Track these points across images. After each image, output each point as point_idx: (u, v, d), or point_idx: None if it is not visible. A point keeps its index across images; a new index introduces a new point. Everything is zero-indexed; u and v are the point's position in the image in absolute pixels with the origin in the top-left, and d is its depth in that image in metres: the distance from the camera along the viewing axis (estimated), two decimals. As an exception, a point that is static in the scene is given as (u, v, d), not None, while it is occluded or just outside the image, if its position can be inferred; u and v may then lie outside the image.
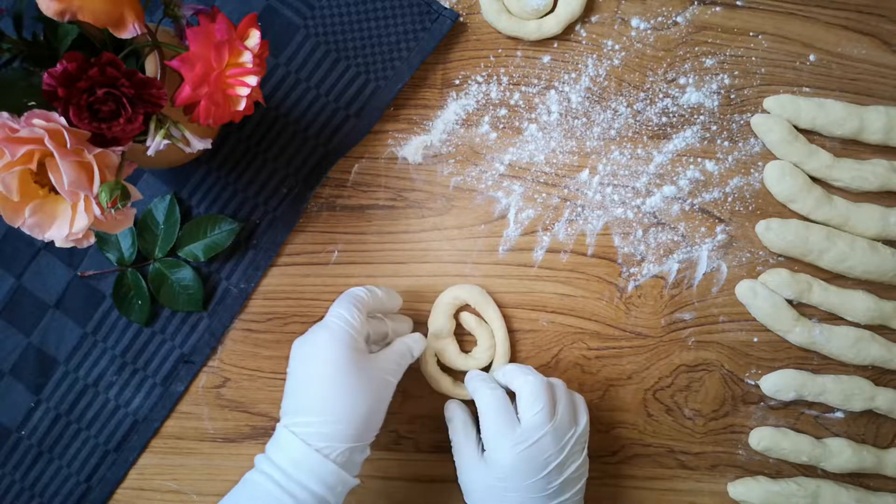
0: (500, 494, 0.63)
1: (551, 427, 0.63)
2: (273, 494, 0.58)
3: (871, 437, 0.78)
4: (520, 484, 0.62)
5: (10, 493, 0.78)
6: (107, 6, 0.48)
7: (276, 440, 0.61)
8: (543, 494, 0.63)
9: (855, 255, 0.74)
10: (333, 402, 0.61)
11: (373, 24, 0.76)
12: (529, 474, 0.62)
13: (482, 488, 0.65)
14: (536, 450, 0.62)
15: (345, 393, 0.61)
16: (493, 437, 0.64)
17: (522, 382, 0.65)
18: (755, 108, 0.77)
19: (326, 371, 0.61)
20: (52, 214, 0.52)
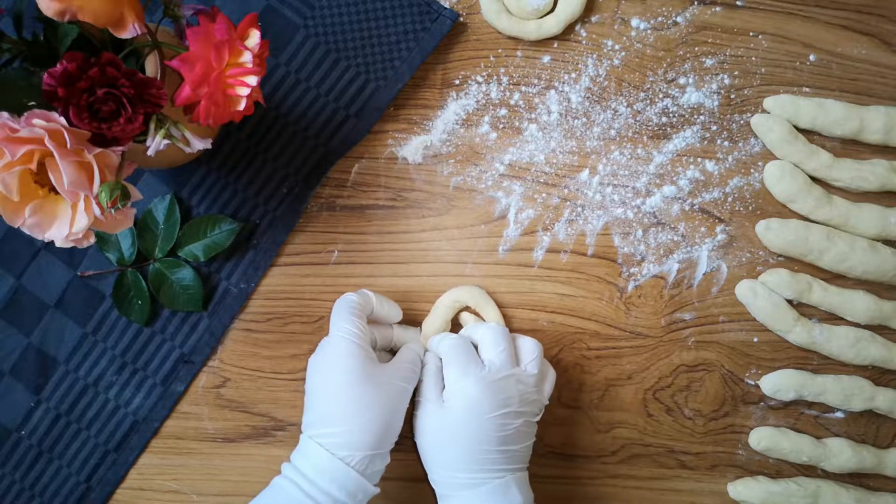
0: (454, 436, 0.64)
1: (515, 372, 0.66)
2: (297, 499, 0.60)
3: (871, 437, 0.78)
4: (477, 422, 0.63)
5: (10, 493, 0.78)
6: (107, 6, 0.48)
7: (301, 450, 0.64)
8: (496, 435, 0.63)
9: (855, 255, 0.74)
10: (352, 412, 0.63)
11: (373, 24, 0.76)
12: (487, 409, 0.63)
13: (437, 430, 0.65)
14: (499, 387, 0.64)
15: (361, 403, 0.63)
16: (459, 372, 0.65)
17: (485, 329, 0.69)
18: (755, 108, 0.77)
19: (342, 383, 0.64)
20: (52, 214, 0.52)
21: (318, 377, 0.65)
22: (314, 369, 0.66)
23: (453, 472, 0.64)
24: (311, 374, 0.67)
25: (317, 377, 0.66)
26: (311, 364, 0.67)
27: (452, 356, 0.67)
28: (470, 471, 0.63)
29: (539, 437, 0.77)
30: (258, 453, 0.78)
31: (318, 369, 0.66)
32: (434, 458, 0.66)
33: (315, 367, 0.66)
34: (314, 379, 0.66)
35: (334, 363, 0.65)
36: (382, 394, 0.64)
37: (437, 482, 0.66)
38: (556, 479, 0.78)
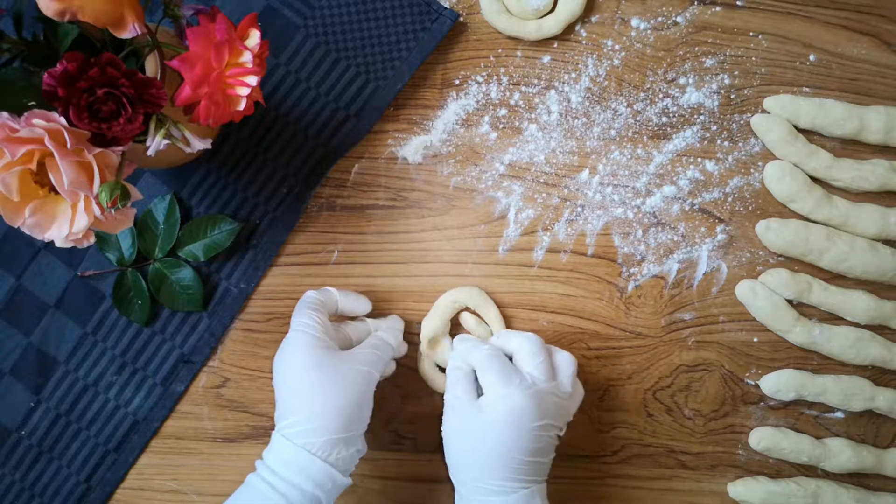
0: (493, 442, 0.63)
1: (553, 386, 0.65)
2: (266, 495, 0.60)
3: (871, 437, 0.78)
4: (517, 431, 0.62)
5: (10, 493, 0.78)
6: (107, 6, 0.48)
7: (270, 445, 0.64)
8: (532, 446, 0.63)
9: (855, 255, 0.74)
10: (308, 398, 0.63)
11: (373, 24, 0.76)
12: (529, 420, 0.62)
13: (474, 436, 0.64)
14: (541, 398, 0.63)
15: (317, 388, 0.63)
16: (501, 380, 0.64)
17: (522, 339, 0.67)
18: (755, 108, 0.77)
19: (298, 372, 0.64)
20: (52, 214, 0.52)
21: (278, 371, 0.66)
22: (275, 365, 0.67)
23: (485, 479, 0.63)
24: (274, 371, 0.67)
25: (277, 371, 0.66)
26: (274, 361, 0.67)
27: (490, 365, 0.65)
28: (503, 478, 0.62)
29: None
30: (258, 453, 0.78)
31: (278, 364, 0.66)
32: (466, 461, 0.65)
33: (276, 362, 0.67)
34: (276, 374, 0.66)
35: (291, 355, 0.65)
36: (340, 378, 0.64)
37: (465, 485, 0.65)
38: (557, 479, 0.78)
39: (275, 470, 0.61)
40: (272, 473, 0.61)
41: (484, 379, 0.65)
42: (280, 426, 0.64)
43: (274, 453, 0.63)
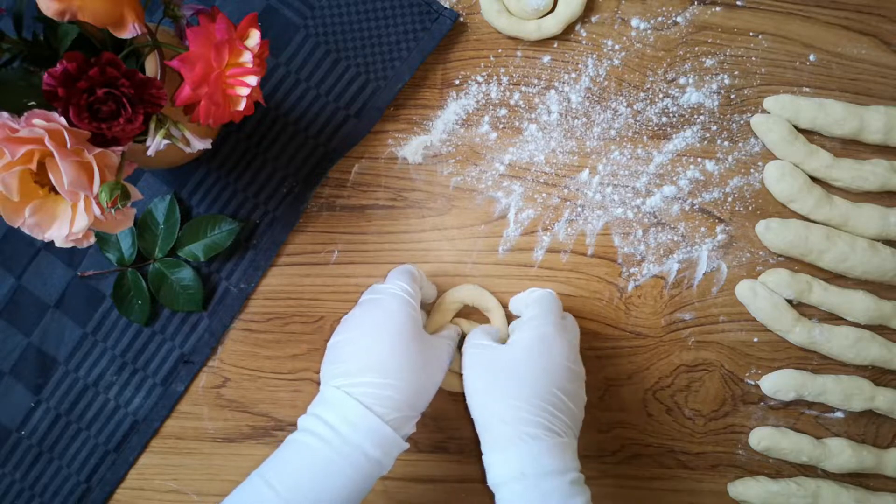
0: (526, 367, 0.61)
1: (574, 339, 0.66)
2: (327, 457, 0.56)
3: (871, 437, 0.78)
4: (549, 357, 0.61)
5: (11, 493, 0.78)
6: (107, 6, 0.48)
7: (327, 401, 0.59)
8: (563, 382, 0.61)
9: (855, 255, 0.74)
10: (398, 365, 0.60)
11: (373, 24, 0.76)
12: (559, 351, 0.62)
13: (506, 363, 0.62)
14: (569, 340, 0.64)
15: (409, 359, 0.61)
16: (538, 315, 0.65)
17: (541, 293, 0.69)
18: (755, 108, 0.77)
19: (396, 336, 0.61)
20: (52, 214, 0.52)
21: (369, 326, 0.62)
22: (365, 316, 0.63)
23: (517, 416, 0.59)
24: (358, 323, 0.63)
25: (366, 326, 0.62)
26: (360, 313, 0.64)
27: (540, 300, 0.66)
28: (536, 414, 0.59)
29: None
30: (258, 453, 0.78)
31: (370, 318, 0.63)
32: (495, 400, 0.61)
33: (365, 315, 0.64)
34: (363, 327, 0.63)
35: (391, 315, 0.62)
36: (431, 357, 0.63)
37: (492, 430, 0.61)
38: (556, 479, 0.78)
39: (337, 430, 0.57)
40: (334, 433, 0.57)
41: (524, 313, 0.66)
42: (344, 382, 0.60)
43: (335, 412, 0.58)
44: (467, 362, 0.65)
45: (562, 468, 0.58)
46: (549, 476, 0.57)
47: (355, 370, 0.60)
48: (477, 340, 0.66)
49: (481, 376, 0.63)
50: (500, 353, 0.63)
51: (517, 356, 0.62)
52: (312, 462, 0.56)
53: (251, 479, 0.57)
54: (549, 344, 0.62)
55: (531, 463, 0.58)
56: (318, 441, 0.57)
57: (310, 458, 0.57)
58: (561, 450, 0.59)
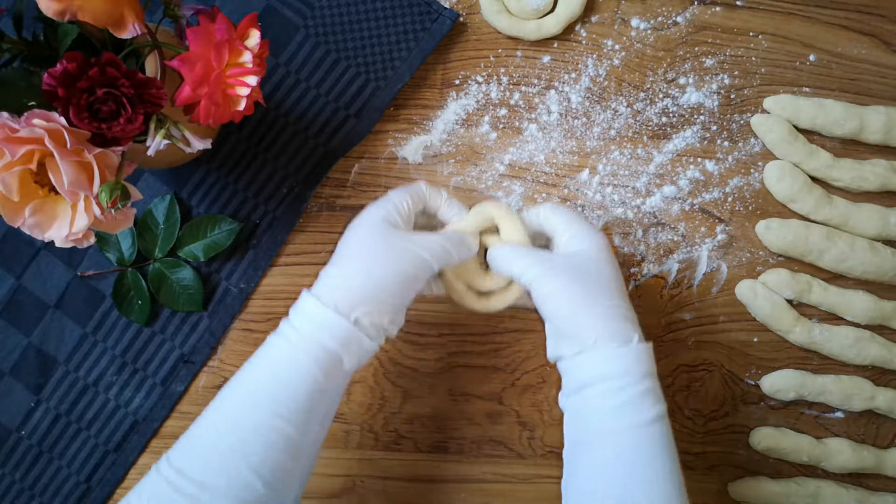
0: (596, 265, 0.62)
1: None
2: (286, 352, 0.57)
3: (871, 437, 0.78)
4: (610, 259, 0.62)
5: (10, 493, 0.78)
6: (107, 6, 0.48)
7: (296, 303, 0.61)
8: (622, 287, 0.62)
9: (855, 256, 0.74)
10: (351, 261, 0.61)
11: (373, 24, 0.76)
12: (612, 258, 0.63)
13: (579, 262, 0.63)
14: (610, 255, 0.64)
15: (363, 253, 0.61)
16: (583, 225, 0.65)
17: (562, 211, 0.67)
18: (755, 108, 0.77)
19: (353, 236, 0.62)
20: (52, 214, 0.52)
21: (346, 232, 0.64)
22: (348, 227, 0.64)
23: (607, 308, 0.59)
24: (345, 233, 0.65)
25: (346, 232, 0.64)
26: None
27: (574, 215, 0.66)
28: (625, 308, 0.60)
29: (539, 437, 0.77)
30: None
31: (349, 227, 0.64)
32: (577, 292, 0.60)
33: (349, 226, 0.64)
34: (344, 234, 0.64)
35: (356, 221, 0.63)
36: (392, 252, 0.61)
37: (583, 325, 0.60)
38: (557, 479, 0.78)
39: (298, 327, 0.58)
40: (294, 330, 0.58)
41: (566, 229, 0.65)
42: (315, 284, 0.61)
43: (298, 311, 0.59)
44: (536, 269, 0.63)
45: (653, 370, 0.59)
46: (649, 376, 0.58)
47: (323, 273, 0.62)
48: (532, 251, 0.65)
49: (568, 277, 0.62)
50: (571, 260, 0.63)
51: (592, 260, 0.62)
52: (280, 361, 0.58)
53: (231, 386, 0.58)
54: (608, 253, 0.63)
55: (630, 361, 0.58)
56: (281, 339, 0.58)
57: (278, 358, 0.58)
58: (651, 353, 0.59)
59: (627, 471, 0.56)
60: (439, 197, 0.67)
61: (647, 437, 0.56)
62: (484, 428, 0.78)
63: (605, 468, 0.57)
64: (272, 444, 0.55)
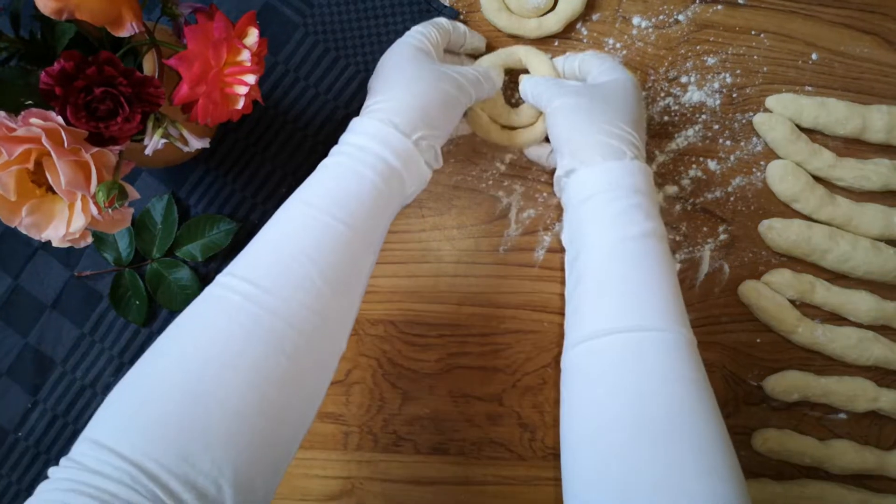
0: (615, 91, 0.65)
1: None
2: (353, 168, 0.57)
3: (875, 439, 0.78)
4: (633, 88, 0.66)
5: (8, 495, 0.78)
6: (104, 5, 0.48)
7: (350, 127, 0.61)
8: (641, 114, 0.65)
9: (858, 256, 0.74)
10: (396, 85, 0.62)
11: (372, 23, 0.76)
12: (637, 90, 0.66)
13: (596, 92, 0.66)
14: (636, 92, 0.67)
15: (405, 78, 0.62)
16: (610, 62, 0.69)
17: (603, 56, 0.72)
18: (757, 107, 0.77)
19: (392, 62, 0.64)
20: (49, 214, 0.52)
21: (378, 67, 0.66)
22: (381, 59, 0.66)
23: (610, 126, 0.62)
24: (378, 64, 0.66)
25: (379, 65, 0.66)
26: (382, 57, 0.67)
27: (601, 55, 0.71)
28: (629, 129, 0.62)
29: (540, 438, 0.77)
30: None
31: (383, 57, 0.66)
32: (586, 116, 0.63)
33: (382, 57, 0.67)
34: (377, 67, 0.66)
35: (393, 49, 0.66)
36: (432, 75, 0.63)
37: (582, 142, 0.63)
38: (557, 481, 0.78)
39: (358, 144, 0.58)
40: (356, 148, 0.58)
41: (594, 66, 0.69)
42: (362, 111, 0.62)
43: (356, 131, 0.60)
44: (560, 92, 0.66)
45: (649, 188, 0.60)
46: (641, 192, 0.59)
47: (369, 99, 0.63)
48: (559, 82, 0.69)
49: (579, 99, 0.65)
50: (593, 89, 0.66)
51: (612, 90, 0.66)
52: (341, 175, 0.57)
53: (290, 202, 0.57)
54: (634, 87, 0.66)
55: (629, 175, 0.60)
56: (345, 157, 0.58)
57: (339, 172, 0.58)
58: (649, 174, 0.61)
59: (620, 281, 0.57)
60: (460, 30, 0.72)
61: (639, 249, 0.57)
62: (484, 429, 0.78)
63: (598, 280, 0.58)
64: (340, 251, 0.54)
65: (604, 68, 0.68)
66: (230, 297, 0.50)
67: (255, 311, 0.49)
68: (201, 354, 0.48)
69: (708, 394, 0.54)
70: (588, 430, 0.53)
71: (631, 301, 0.56)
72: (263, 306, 0.49)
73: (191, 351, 0.48)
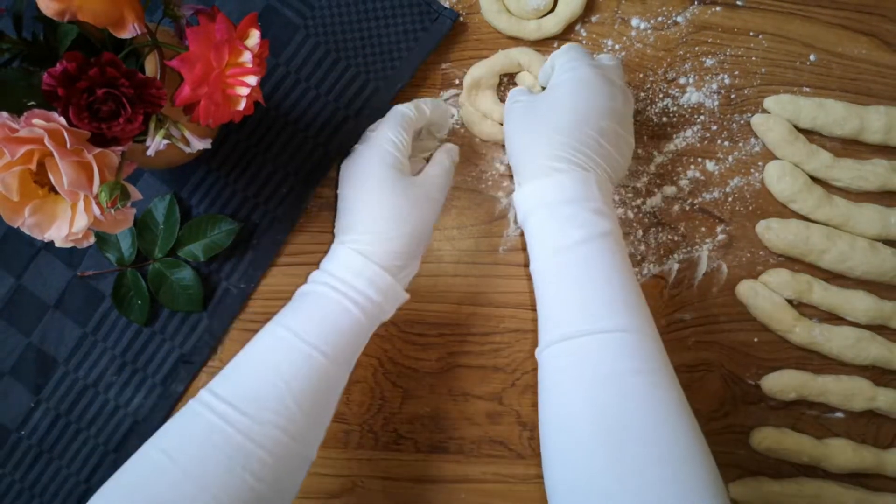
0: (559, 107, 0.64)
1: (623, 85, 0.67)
2: (338, 302, 0.61)
3: (872, 438, 0.78)
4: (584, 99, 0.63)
5: (10, 494, 0.78)
6: (106, 6, 0.48)
7: (334, 256, 0.64)
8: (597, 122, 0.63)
9: (855, 256, 0.74)
10: (382, 221, 0.64)
11: (373, 24, 0.76)
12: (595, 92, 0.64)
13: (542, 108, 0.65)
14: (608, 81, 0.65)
15: (392, 213, 0.64)
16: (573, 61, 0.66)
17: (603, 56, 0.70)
18: (755, 108, 0.77)
19: (373, 191, 0.65)
20: (51, 214, 0.52)
21: (351, 182, 0.66)
22: (347, 172, 0.67)
23: (547, 147, 0.63)
24: (343, 178, 0.67)
25: (349, 182, 0.66)
26: (345, 167, 0.68)
27: (568, 49, 0.68)
28: (563, 147, 0.62)
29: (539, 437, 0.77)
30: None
31: (352, 172, 0.66)
32: (528, 138, 0.65)
33: (348, 171, 0.67)
34: (346, 183, 0.67)
35: (369, 169, 0.65)
36: (413, 205, 0.65)
37: (523, 165, 0.65)
38: (557, 480, 0.78)
39: (343, 279, 0.62)
40: (340, 282, 0.62)
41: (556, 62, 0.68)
42: (346, 238, 0.64)
43: (341, 264, 0.63)
44: (507, 116, 0.69)
45: (584, 196, 0.61)
46: (571, 203, 0.61)
47: (349, 227, 0.65)
48: (516, 97, 0.70)
49: (519, 122, 0.67)
50: (538, 100, 0.66)
51: (554, 99, 0.65)
52: (326, 307, 0.61)
53: (271, 329, 0.61)
54: (588, 84, 0.64)
55: (553, 191, 0.62)
56: (329, 289, 0.62)
57: (324, 304, 0.62)
58: (584, 181, 0.62)
59: (556, 292, 0.60)
60: (425, 112, 0.71)
61: (571, 259, 0.60)
62: (484, 428, 0.78)
63: (540, 292, 0.62)
64: (316, 379, 0.59)
65: (560, 69, 0.67)
66: (208, 416, 0.55)
67: (228, 431, 0.54)
68: (174, 468, 0.53)
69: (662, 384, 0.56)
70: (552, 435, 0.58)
71: (570, 308, 0.59)
72: (237, 427, 0.54)
73: (165, 463, 0.53)
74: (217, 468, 0.53)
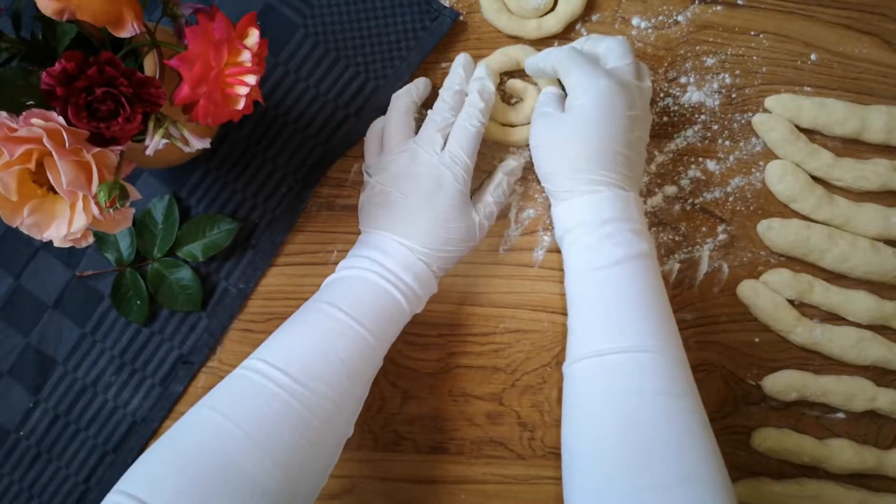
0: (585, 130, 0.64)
1: (639, 85, 0.67)
2: (380, 284, 0.65)
3: (873, 438, 0.78)
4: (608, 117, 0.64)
5: (9, 494, 0.78)
6: (105, 5, 0.48)
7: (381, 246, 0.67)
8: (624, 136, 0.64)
9: (856, 256, 0.74)
10: (441, 242, 0.67)
11: (372, 24, 0.76)
12: (619, 106, 0.64)
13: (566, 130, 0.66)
14: (628, 89, 0.65)
15: (454, 236, 0.68)
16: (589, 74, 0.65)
17: (610, 41, 0.69)
18: (756, 108, 0.77)
19: (442, 211, 0.67)
20: (50, 214, 0.52)
21: (417, 189, 0.67)
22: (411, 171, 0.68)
23: (578, 175, 0.65)
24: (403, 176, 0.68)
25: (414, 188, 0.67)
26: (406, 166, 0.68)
27: (575, 61, 0.66)
28: (596, 169, 0.64)
29: (539, 438, 0.77)
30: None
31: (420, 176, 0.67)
32: (558, 162, 0.66)
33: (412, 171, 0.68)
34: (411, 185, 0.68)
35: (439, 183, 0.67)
36: (470, 231, 0.69)
37: (557, 184, 0.67)
38: (557, 480, 0.78)
39: (394, 271, 0.65)
40: (392, 274, 0.65)
41: (568, 80, 0.67)
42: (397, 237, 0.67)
43: (390, 256, 0.66)
44: (534, 132, 0.69)
45: (624, 216, 0.64)
46: (611, 222, 0.63)
47: (410, 233, 0.67)
48: (543, 108, 0.70)
49: (547, 137, 0.67)
50: (563, 122, 0.67)
51: (579, 121, 0.65)
52: (369, 288, 0.65)
53: (323, 308, 0.63)
54: (608, 103, 0.64)
55: (594, 210, 0.64)
56: (379, 278, 0.65)
57: (375, 290, 0.65)
58: (624, 200, 0.64)
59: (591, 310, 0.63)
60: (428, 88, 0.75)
61: (609, 278, 0.63)
62: (484, 429, 0.78)
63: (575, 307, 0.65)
64: (367, 359, 0.63)
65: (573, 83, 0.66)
66: (266, 384, 0.57)
67: (288, 400, 0.56)
68: (237, 431, 0.54)
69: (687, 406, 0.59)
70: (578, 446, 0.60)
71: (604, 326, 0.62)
72: (296, 397, 0.56)
73: (228, 426, 0.54)
74: (281, 435, 0.55)
